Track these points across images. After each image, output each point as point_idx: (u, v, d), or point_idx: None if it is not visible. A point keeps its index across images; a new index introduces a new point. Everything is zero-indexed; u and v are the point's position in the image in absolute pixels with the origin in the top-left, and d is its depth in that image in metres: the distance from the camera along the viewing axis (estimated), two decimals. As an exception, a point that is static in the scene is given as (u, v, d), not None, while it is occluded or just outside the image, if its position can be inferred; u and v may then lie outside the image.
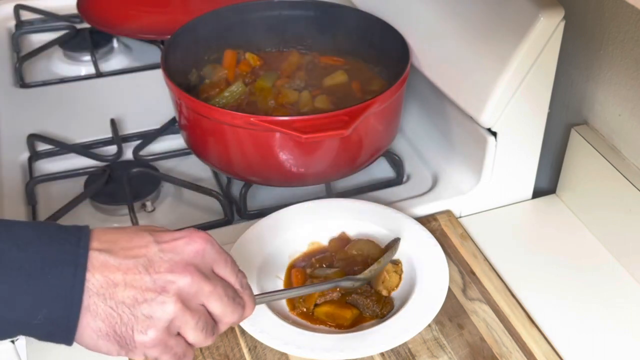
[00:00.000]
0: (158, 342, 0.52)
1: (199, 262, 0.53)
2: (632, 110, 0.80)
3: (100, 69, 1.15)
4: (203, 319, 0.53)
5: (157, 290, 0.51)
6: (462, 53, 0.83)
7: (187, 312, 0.52)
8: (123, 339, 0.51)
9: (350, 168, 0.87)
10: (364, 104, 0.79)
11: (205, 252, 0.54)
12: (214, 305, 0.54)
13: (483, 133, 0.83)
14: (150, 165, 0.93)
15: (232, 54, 0.97)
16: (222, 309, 0.54)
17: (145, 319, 0.51)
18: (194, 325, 0.53)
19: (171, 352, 0.53)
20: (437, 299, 0.72)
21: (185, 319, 0.52)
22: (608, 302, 0.77)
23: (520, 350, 0.70)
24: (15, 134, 0.98)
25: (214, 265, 0.55)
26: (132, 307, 0.51)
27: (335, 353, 0.67)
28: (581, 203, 0.88)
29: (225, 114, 0.79)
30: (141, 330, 0.51)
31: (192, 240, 0.54)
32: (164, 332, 0.52)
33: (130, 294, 0.51)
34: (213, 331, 0.55)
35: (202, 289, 0.53)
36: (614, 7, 0.80)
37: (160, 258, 0.52)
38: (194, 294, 0.53)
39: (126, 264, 0.51)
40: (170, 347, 0.53)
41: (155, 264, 0.52)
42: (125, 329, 0.51)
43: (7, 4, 1.29)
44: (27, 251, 0.49)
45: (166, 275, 0.52)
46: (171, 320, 0.52)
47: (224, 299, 0.54)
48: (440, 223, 0.85)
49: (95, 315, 0.50)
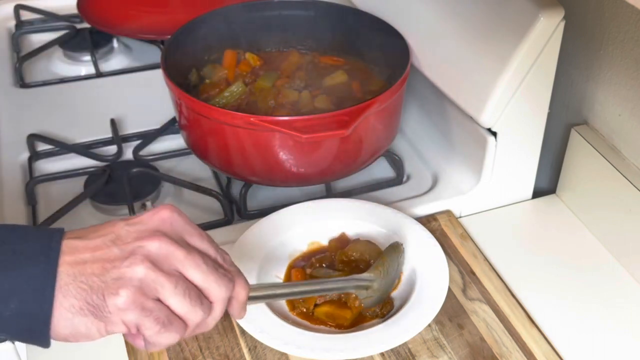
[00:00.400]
0: (132, 302, 0.49)
1: (167, 229, 0.52)
2: (632, 110, 0.80)
3: (100, 69, 1.15)
4: (182, 284, 0.51)
5: (125, 256, 0.50)
6: (462, 53, 0.83)
7: (159, 274, 0.50)
8: (97, 308, 0.49)
9: (350, 168, 0.87)
10: (364, 104, 0.79)
11: (172, 220, 0.53)
12: (192, 273, 0.52)
13: (483, 133, 0.83)
14: (150, 165, 0.93)
15: (232, 54, 0.97)
16: (203, 278, 0.52)
17: (114, 282, 0.49)
18: (172, 289, 0.50)
19: (151, 316, 0.50)
20: (437, 299, 0.72)
21: (159, 280, 0.50)
22: (608, 302, 0.77)
23: (520, 350, 0.70)
24: (15, 134, 0.98)
25: (186, 235, 0.53)
26: (101, 275, 0.49)
27: (335, 353, 0.67)
28: (581, 203, 0.88)
29: (225, 114, 0.79)
30: (112, 292, 0.49)
31: (157, 211, 0.53)
32: (137, 292, 0.49)
33: (98, 265, 0.50)
34: (201, 300, 0.52)
35: (173, 253, 0.51)
36: (614, 7, 0.80)
37: (128, 231, 0.52)
38: (165, 257, 0.51)
39: (94, 242, 0.51)
40: (149, 310, 0.50)
41: (123, 237, 0.51)
42: (96, 297, 0.49)
43: (7, 4, 1.30)
44: (1, 247, 0.49)
45: (134, 243, 0.51)
46: (142, 280, 0.50)
47: (203, 267, 0.52)
48: (440, 223, 0.85)
49: (67, 294, 0.49)
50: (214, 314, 0.54)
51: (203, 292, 0.53)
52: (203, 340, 0.71)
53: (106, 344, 0.72)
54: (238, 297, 0.56)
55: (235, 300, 0.56)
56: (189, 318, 0.52)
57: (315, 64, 0.99)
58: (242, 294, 0.56)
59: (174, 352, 0.70)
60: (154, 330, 0.51)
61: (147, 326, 0.50)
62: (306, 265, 0.77)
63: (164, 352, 0.69)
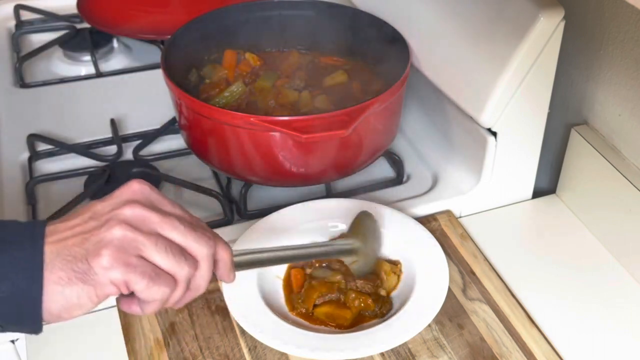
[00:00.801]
0: (115, 259, 0.51)
1: (140, 198, 0.55)
2: (632, 110, 0.80)
3: (100, 69, 1.15)
4: (162, 241, 0.53)
5: (102, 224, 0.53)
6: (462, 53, 0.83)
7: (138, 233, 0.52)
8: (84, 273, 0.51)
9: (350, 168, 0.87)
10: (364, 104, 0.79)
11: (143, 190, 0.55)
12: (169, 233, 0.54)
13: (483, 133, 0.83)
14: (150, 165, 0.93)
15: (232, 54, 0.97)
16: (182, 237, 0.54)
17: (95, 245, 0.52)
18: (152, 246, 0.52)
19: (137, 271, 0.52)
20: (437, 299, 0.72)
21: (138, 239, 0.52)
22: (608, 302, 0.77)
23: (520, 350, 0.70)
24: (15, 134, 0.98)
25: (159, 204, 0.56)
26: (82, 244, 0.52)
27: (335, 353, 0.67)
28: (581, 203, 0.88)
29: (225, 114, 0.79)
30: (94, 254, 0.51)
31: (128, 184, 0.56)
32: (118, 250, 0.51)
33: (78, 238, 0.52)
34: (184, 256, 0.54)
35: (149, 217, 0.53)
36: (614, 7, 0.80)
37: (103, 206, 0.54)
38: (142, 220, 0.53)
39: (73, 222, 0.53)
40: (133, 266, 0.51)
41: (99, 212, 0.54)
42: (81, 263, 0.51)
43: (7, 4, 1.29)
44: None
45: (109, 213, 0.53)
46: (121, 239, 0.52)
47: (180, 227, 0.54)
48: (440, 223, 0.85)
49: (53, 269, 0.51)
50: (201, 272, 0.55)
51: (186, 250, 0.55)
52: (203, 340, 0.71)
53: (107, 344, 0.72)
54: (223, 258, 0.57)
55: (220, 262, 0.57)
56: (175, 272, 0.54)
57: (315, 64, 0.99)
58: (226, 254, 0.58)
59: (174, 352, 0.70)
60: (142, 285, 0.52)
61: (134, 281, 0.52)
62: (306, 266, 0.77)
63: (164, 351, 0.70)
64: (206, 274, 0.56)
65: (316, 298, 0.73)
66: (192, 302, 0.74)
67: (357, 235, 0.74)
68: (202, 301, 0.75)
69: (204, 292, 0.56)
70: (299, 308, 0.73)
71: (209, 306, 0.74)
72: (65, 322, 0.74)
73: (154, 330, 0.72)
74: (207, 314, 0.74)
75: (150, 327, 0.72)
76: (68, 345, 0.72)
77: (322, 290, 0.73)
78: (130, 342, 0.71)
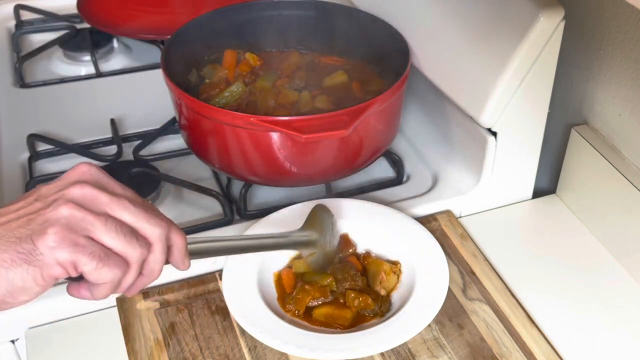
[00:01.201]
0: (61, 239, 0.49)
1: (89, 179, 0.53)
2: (632, 110, 0.80)
3: (100, 69, 1.15)
4: (112, 221, 0.51)
5: (49, 204, 0.50)
6: (462, 53, 0.83)
7: (86, 213, 0.50)
8: (28, 254, 0.48)
9: (350, 168, 0.87)
10: (364, 104, 0.79)
11: (92, 172, 0.53)
12: (119, 213, 0.52)
13: (483, 133, 0.84)
14: (150, 165, 0.93)
15: (232, 54, 0.97)
16: (132, 217, 0.52)
17: (41, 225, 0.49)
18: (102, 226, 0.50)
19: (85, 251, 0.49)
20: (437, 299, 0.72)
21: (87, 219, 0.50)
22: (608, 302, 0.77)
23: (520, 350, 0.70)
24: (15, 134, 0.98)
25: (108, 186, 0.53)
26: (27, 225, 0.49)
27: (335, 353, 0.67)
28: (581, 203, 0.88)
29: (225, 114, 0.79)
30: (40, 233, 0.49)
31: (76, 167, 0.54)
32: (65, 229, 0.49)
33: (23, 219, 0.50)
34: (135, 236, 0.52)
35: (98, 196, 0.51)
36: (614, 7, 0.80)
37: (48, 188, 0.52)
38: (91, 200, 0.51)
39: (18, 205, 0.51)
40: (81, 246, 0.49)
41: (45, 194, 0.52)
42: (25, 244, 0.49)
43: (7, 4, 1.30)
44: None
45: (56, 194, 0.51)
46: (68, 218, 0.49)
47: (131, 208, 0.52)
48: (440, 223, 0.85)
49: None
50: (154, 255, 0.53)
51: (137, 231, 0.53)
52: (203, 340, 0.71)
53: (106, 344, 0.72)
54: (176, 244, 0.55)
55: (174, 247, 0.56)
56: (127, 253, 0.52)
57: (315, 64, 0.99)
58: (179, 240, 0.56)
59: (174, 352, 0.70)
60: (91, 266, 0.50)
61: (83, 262, 0.49)
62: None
63: (164, 351, 0.70)
64: (159, 257, 0.54)
65: (308, 302, 0.73)
66: (192, 302, 0.74)
67: (315, 228, 0.73)
68: (202, 301, 0.75)
69: (206, 292, 0.55)
70: (291, 309, 0.73)
71: (209, 306, 0.74)
72: (66, 322, 0.74)
73: (154, 330, 0.72)
74: (207, 314, 0.74)
75: (150, 327, 0.72)
76: (68, 345, 0.72)
77: (315, 294, 0.73)
78: (130, 342, 0.71)
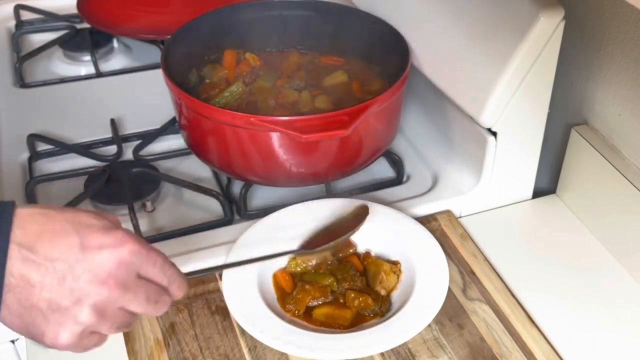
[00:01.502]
0: (69, 345, 0.52)
1: (122, 273, 0.52)
2: (632, 110, 0.80)
3: (100, 69, 1.15)
4: (119, 321, 0.54)
5: (72, 301, 0.50)
6: (462, 53, 0.83)
7: (101, 321, 0.52)
8: (35, 337, 0.51)
9: (350, 168, 0.87)
10: (364, 104, 0.79)
11: (130, 262, 0.52)
12: (134, 308, 0.54)
13: (483, 133, 0.83)
14: (150, 165, 0.93)
15: (232, 54, 0.97)
16: (143, 311, 0.55)
17: (56, 325, 0.51)
18: (107, 328, 0.53)
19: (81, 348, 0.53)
20: (437, 299, 0.72)
21: (98, 327, 0.52)
22: (608, 302, 0.77)
23: (520, 350, 0.70)
24: (15, 134, 0.98)
25: (140, 270, 0.54)
26: (45, 313, 0.50)
27: (335, 353, 0.67)
28: (581, 203, 0.88)
29: (225, 114, 0.79)
30: (52, 336, 0.51)
31: (117, 250, 0.52)
32: (76, 336, 0.52)
33: (45, 298, 0.50)
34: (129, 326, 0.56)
35: (120, 299, 0.52)
36: (614, 7, 0.80)
37: (82, 266, 0.50)
38: (113, 303, 0.52)
39: (46, 266, 0.50)
40: (82, 346, 0.53)
41: (75, 272, 0.50)
42: (36, 331, 0.51)
43: (7, 4, 1.29)
44: None
45: (84, 286, 0.50)
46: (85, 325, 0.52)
47: (144, 304, 0.54)
48: (440, 223, 0.85)
49: (10, 311, 0.50)
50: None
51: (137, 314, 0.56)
52: (203, 340, 0.71)
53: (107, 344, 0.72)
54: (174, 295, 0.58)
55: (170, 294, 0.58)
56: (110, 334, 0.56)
57: (315, 64, 0.99)
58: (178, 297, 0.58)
59: (174, 352, 0.70)
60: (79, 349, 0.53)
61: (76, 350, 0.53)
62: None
63: (164, 351, 0.70)
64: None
65: (308, 301, 0.73)
66: (193, 302, 0.74)
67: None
68: (202, 301, 0.75)
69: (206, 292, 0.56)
70: (291, 309, 0.73)
71: (209, 306, 0.74)
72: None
73: (154, 330, 0.72)
74: (207, 314, 0.74)
75: (150, 327, 0.72)
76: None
77: (315, 294, 0.73)
78: (130, 342, 0.71)
